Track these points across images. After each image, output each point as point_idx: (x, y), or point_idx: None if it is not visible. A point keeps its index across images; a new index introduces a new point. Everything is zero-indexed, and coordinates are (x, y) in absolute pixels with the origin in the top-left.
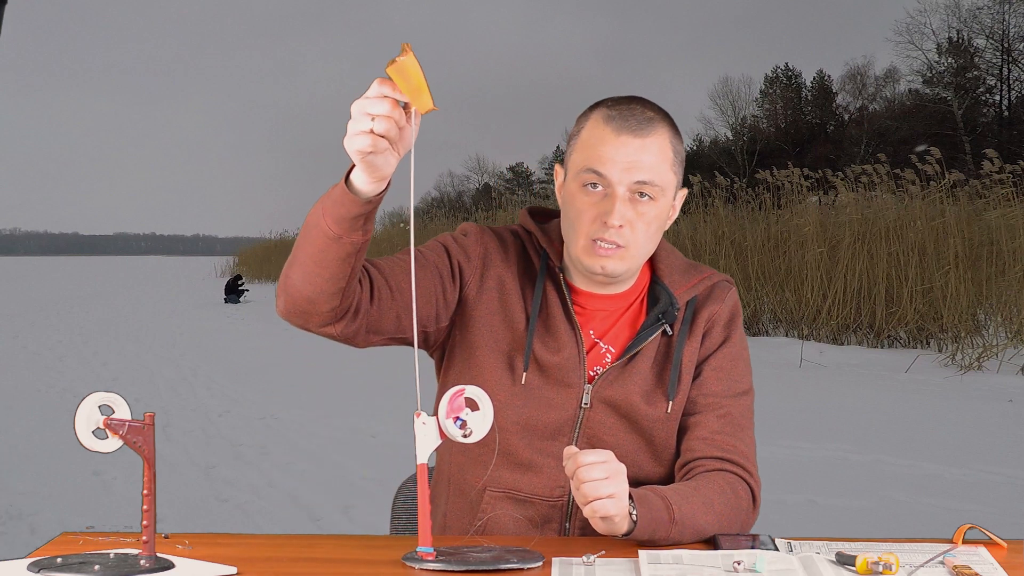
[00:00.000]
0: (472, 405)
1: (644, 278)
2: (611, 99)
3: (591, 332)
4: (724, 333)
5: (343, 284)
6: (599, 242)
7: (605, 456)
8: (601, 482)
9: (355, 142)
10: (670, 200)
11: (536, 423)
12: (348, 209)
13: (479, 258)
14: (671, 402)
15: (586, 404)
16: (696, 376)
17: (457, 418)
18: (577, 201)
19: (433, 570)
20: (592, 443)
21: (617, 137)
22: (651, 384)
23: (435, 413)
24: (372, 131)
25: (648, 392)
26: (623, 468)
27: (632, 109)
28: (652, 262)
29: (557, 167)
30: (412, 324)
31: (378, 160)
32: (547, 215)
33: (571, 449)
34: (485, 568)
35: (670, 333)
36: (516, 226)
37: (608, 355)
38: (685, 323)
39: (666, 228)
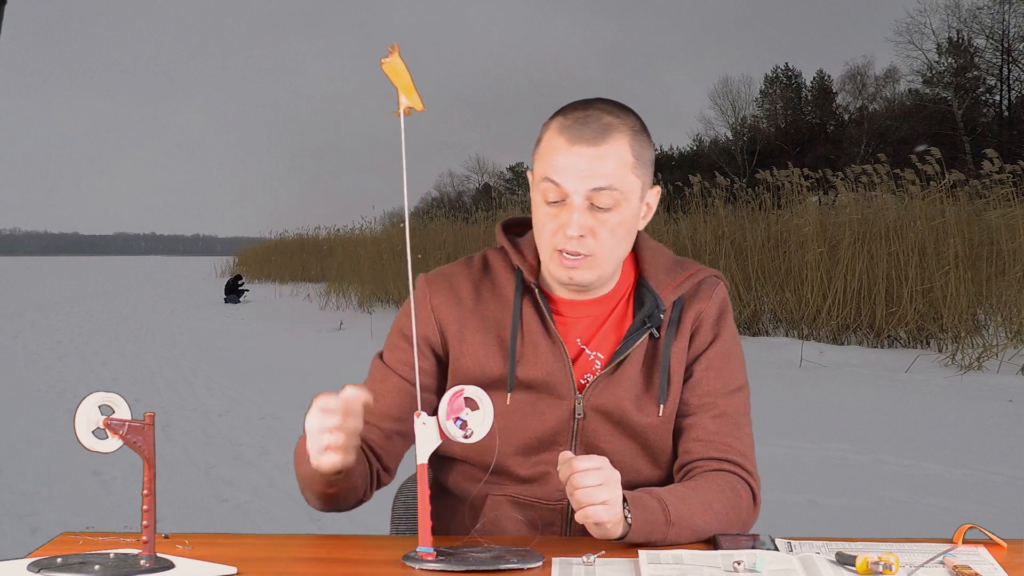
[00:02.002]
0: (472, 405)
1: (629, 278)
2: (570, 105)
3: (577, 340)
4: (714, 331)
5: (358, 491)
6: (563, 253)
7: (599, 462)
8: (595, 488)
9: (324, 461)
10: (636, 203)
11: (531, 440)
12: (326, 483)
13: (432, 320)
14: (662, 406)
15: (579, 414)
16: (689, 376)
17: (457, 418)
18: (540, 212)
19: (433, 570)
20: (589, 450)
21: (571, 147)
22: (641, 389)
23: (435, 414)
24: (328, 447)
25: (638, 397)
26: (617, 474)
27: (588, 116)
28: (637, 262)
29: (529, 174)
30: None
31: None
32: (525, 224)
33: (566, 455)
34: (485, 568)
35: (657, 336)
36: (489, 249)
37: (597, 362)
38: (672, 324)
39: (641, 227)
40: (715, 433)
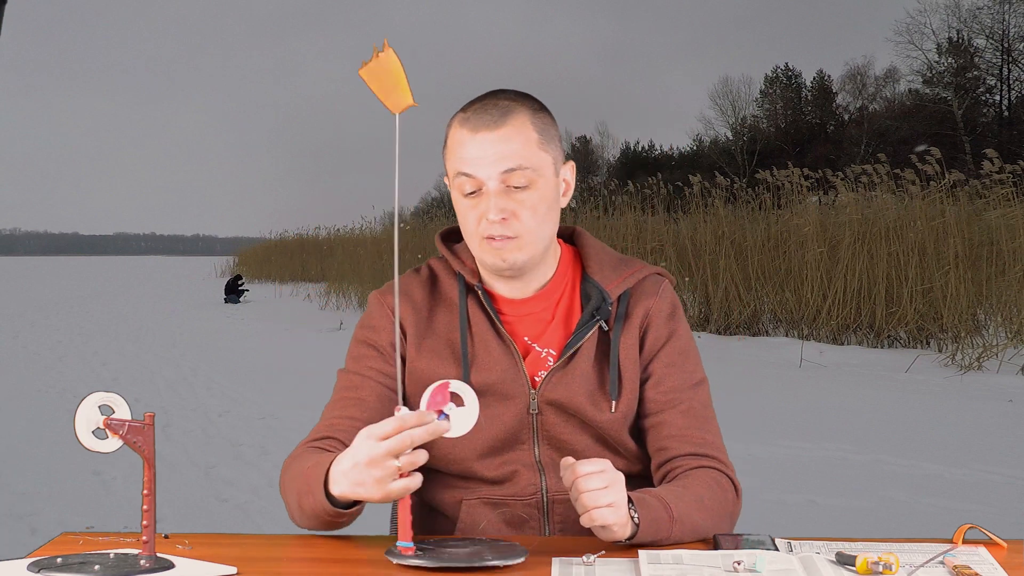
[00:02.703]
0: (457, 400)
1: (567, 274)
2: (470, 102)
3: (525, 338)
4: (668, 327)
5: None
6: (490, 239)
7: (602, 465)
8: (600, 491)
9: (396, 487)
10: (552, 179)
11: (494, 441)
12: (338, 515)
13: (393, 324)
14: (615, 403)
15: (534, 410)
16: (650, 375)
17: (440, 412)
18: (461, 206)
19: (414, 566)
20: (552, 444)
21: (475, 135)
22: (594, 384)
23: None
24: (400, 472)
25: (592, 393)
26: (621, 476)
27: (485, 105)
28: (581, 259)
29: (446, 179)
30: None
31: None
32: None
33: (568, 460)
34: (465, 564)
35: (606, 328)
36: (431, 259)
37: (550, 358)
38: (620, 318)
39: (563, 204)
40: (686, 428)
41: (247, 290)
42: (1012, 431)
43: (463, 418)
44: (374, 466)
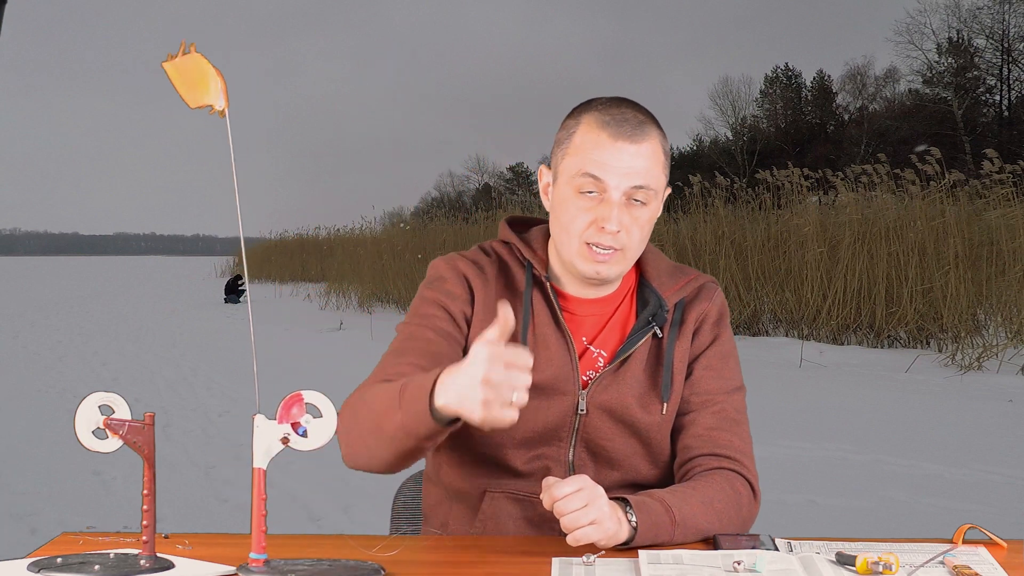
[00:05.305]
0: (313, 411)
1: (630, 280)
2: (599, 102)
3: (583, 338)
4: (713, 332)
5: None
6: (595, 247)
7: (580, 483)
8: (580, 512)
9: (499, 415)
10: (659, 202)
11: (532, 434)
12: (429, 440)
13: (467, 294)
14: (665, 404)
15: (582, 411)
16: (688, 375)
17: (299, 424)
18: (571, 205)
19: None
20: (589, 448)
21: (614, 143)
22: (644, 387)
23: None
24: (512, 404)
25: (642, 395)
26: (600, 490)
27: (624, 113)
28: (639, 265)
29: (543, 168)
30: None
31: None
32: (526, 223)
33: (549, 480)
34: None
35: (660, 335)
36: (492, 242)
37: (600, 359)
38: (675, 325)
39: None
40: (713, 429)
41: (244, 290)
42: (1012, 431)
43: (322, 429)
44: (488, 386)
